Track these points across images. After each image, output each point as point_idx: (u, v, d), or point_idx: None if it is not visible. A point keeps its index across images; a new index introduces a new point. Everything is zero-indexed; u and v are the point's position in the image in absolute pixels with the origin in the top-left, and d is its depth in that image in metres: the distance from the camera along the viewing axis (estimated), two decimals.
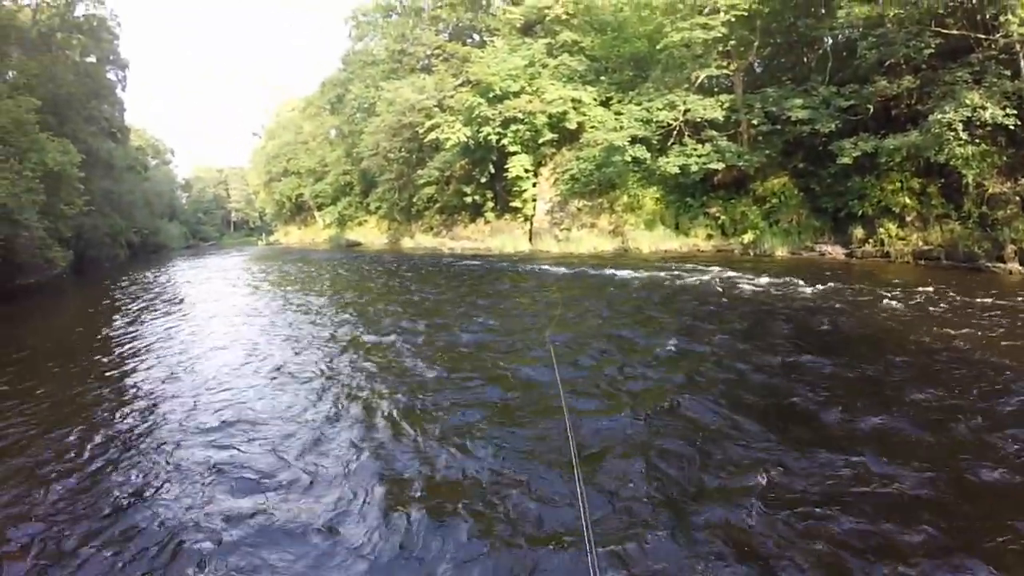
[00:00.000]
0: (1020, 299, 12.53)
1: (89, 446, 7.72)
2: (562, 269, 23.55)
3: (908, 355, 9.08)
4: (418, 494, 5.95)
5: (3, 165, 24.10)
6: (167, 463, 7.11)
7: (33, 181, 26.00)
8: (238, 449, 7.37)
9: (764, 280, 16.95)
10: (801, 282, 16.06)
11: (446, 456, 6.72)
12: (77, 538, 5.57)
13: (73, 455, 7.45)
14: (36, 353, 14.43)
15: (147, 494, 6.35)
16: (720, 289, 16.34)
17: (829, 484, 5.50)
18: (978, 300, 12.57)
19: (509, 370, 9.69)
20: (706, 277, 18.34)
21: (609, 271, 21.52)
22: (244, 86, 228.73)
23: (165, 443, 7.75)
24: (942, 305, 12.29)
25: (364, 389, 9.42)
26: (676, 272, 19.73)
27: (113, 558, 5.26)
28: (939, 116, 18.01)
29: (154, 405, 9.46)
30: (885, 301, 13.02)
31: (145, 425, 8.55)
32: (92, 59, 47.65)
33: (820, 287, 15.21)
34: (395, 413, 8.17)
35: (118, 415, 9.08)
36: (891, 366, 8.60)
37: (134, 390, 10.46)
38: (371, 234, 56.63)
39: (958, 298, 12.88)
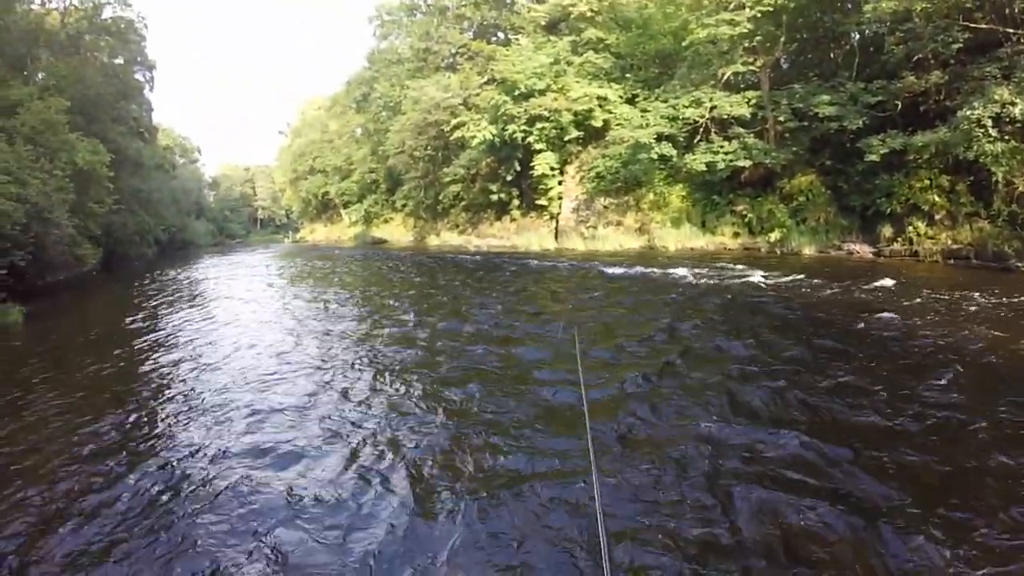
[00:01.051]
0: None
1: (117, 431, 8.35)
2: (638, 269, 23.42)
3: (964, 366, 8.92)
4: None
5: (34, 165, 24.65)
6: (201, 443, 7.73)
7: (63, 180, 26.77)
8: (265, 427, 8.14)
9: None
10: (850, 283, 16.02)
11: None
12: (116, 513, 6.06)
13: (105, 439, 8.03)
14: (67, 346, 15.03)
15: (179, 473, 6.90)
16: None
17: None
18: (1006, 301, 12.49)
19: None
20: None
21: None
22: (259, 92, 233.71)
23: (196, 424, 8.46)
24: (971, 307, 12.22)
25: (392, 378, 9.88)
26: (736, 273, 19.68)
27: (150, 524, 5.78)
28: (968, 112, 17.82)
29: (182, 390, 10.20)
30: (919, 303, 13.00)
31: (173, 407, 9.32)
32: (120, 60, 48.45)
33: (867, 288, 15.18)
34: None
35: (144, 402, 9.74)
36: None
37: (161, 377, 11.20)
38: (397, 232, 57.01)
39: (989, 300, 12.79)
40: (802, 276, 17.31)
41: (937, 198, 19.86)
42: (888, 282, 15.36)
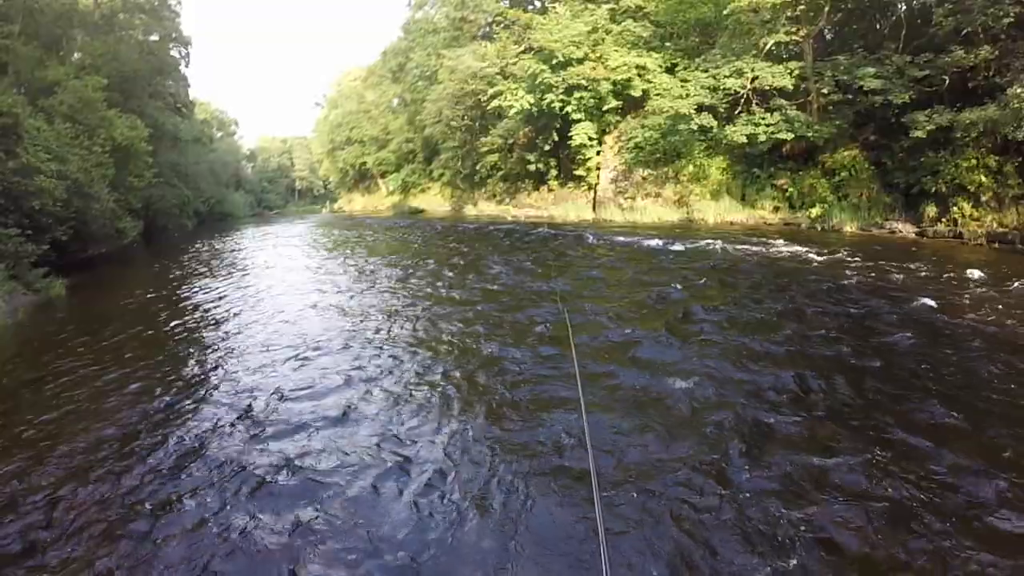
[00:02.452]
0: None
1: (163, 388, 9.28)
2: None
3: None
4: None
5: (73, 142, 25.41)
6: (245, 399, 8.61)
7: (103, 156, 27.85)
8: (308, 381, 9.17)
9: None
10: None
11: None
12: (157, 468, 6.78)
13: (152, 397, 8.91)
14: (107, 317, 15.85)
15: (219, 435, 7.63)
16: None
17: None
18: None
19: None
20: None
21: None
22: (284, 72, 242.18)
23: (240, 384, 9.30)
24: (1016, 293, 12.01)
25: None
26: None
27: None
28: (1018, 90, 17.46)
29: (221, 350, 11.27)
30: (960, 287, 12.83)
31: (218, 372, 10.13)
32: (155, 37, 48.84)
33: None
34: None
35: (189, 367, 10.62)
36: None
37: (201, 340, 12.33)
38: (434, 201, 57.35)
39: None
40: (842, 254, 17.21)
41: (984, 178, 19.42)
42: (930, 263, 15.26)
